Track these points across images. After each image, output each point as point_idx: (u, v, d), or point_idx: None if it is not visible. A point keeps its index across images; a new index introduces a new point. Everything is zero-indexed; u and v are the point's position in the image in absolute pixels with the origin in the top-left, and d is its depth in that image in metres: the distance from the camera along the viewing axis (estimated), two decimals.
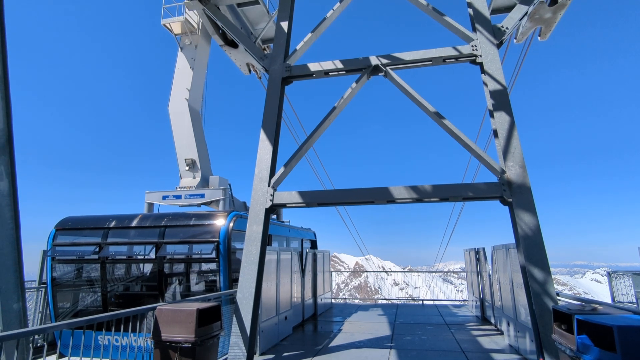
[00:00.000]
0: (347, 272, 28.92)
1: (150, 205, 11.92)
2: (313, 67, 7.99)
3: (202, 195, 11.55)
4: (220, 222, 8.99)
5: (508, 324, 8.01)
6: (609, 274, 12.71)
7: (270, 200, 7.41)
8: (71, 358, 5.24)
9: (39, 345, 8.69)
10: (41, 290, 10.30)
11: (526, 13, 7.67)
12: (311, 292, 11.74)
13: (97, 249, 9.50)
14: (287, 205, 7.44)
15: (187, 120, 12.28)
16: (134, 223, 9.67)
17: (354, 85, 7.76)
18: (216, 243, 8.66)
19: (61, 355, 8.79)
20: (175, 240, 9.11)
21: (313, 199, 7.31)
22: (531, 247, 6.10)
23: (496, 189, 6.54)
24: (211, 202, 11.58)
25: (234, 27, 8.83)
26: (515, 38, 10.71)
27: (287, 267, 9.41)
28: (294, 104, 14.25)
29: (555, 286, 6.10)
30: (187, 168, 12.14)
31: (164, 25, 13.00)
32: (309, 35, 8.37)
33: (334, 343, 8.24)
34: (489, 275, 9.99)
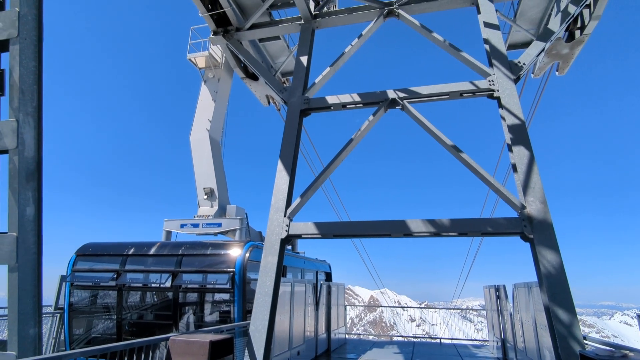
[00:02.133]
0: (362, 306, 28.19)
1: (169, 233, 12.05)
2: (331, 99, 8.16)
3: (219, 225, 11.62)
4: (236, 253, 8.99)
5: None
6: (639, 316, 12.02)
7: (286, 230, 7.41)
8: None
9: None
10: (56, 316, 10.34)
11: (543, 49, 7.74)
12: (325, 326, 11.46)
13: (115, 276, 9.57)
14: (303, 236, 7.41)
15: (207, 150, 12.56)
16: (152, 251, 9.76)
17: (371, 117, 7.86)
18: (232, 273, 8.63)
19: None
20: (191, 270, 9.11)
21: (329, 231, 7.27)
22: (555, 287, 5.86)
23: (516, 225, 6.39)
24: (228, 231, 11.63)
25: (255, 61, 9.16)
26: (533, 73, 10.78)
27: (300, 299, 9.27)
28: (311, 133, 14.45)
29: (582, 328, 5.82)
30: (205, 197, 12.30)
31: (189, 59, 13.59)
32: (328, 69, 8.60)
33: None
34: (511, 315, 9.60)
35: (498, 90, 7.32)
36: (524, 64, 7.51)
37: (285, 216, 7.49)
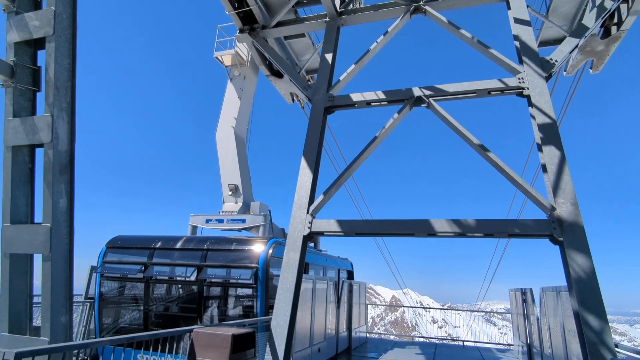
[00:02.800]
0: (383, 305, 28.08)
1: (194, 227, 12.34)
2: (355, 97, 8.11)
3: (244, 221, 11.80)
4: (259, 249, 9.10)
5: None
6: None
7: (309, 227, 7.43)
8: None
9: (81, 359, 9.00)
10: (86, 305, 10.75)
11: (576, 46, 7.45)
12: (346, 324, 11.45)
13: (143, 269, 9.86)
14: (325, 233, 7.41)
15: (232, 147, 12.74)
16: (178, 245, 10.01)
17: (395, 115, 7.77)
18: (255, 269, 8.75)
19: None
20: (215, 264, 9.30)
21: (351, 229, 7.25)
22: (585, 292, 5.65)
23: (545, 227, 6.18)
24: (252, 227, 11.79)
25: (280, 58, 9.21)
26: (565, 70, 10.39)
27: (322, 296, 9.28)
28: (334, 130, 14.41)
29: (613, 336, 5.58)
30: (230, 193, 12.50)
31: (216, 57, 13.80)
32: (353, 66, 8.55)
33: None
34: (537, 319, 9.32)
35: (528, 89, 7.09)
36: (556, 61, 7.25)
37: (307, 213, 7.52)
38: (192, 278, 9.38)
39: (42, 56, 4.95)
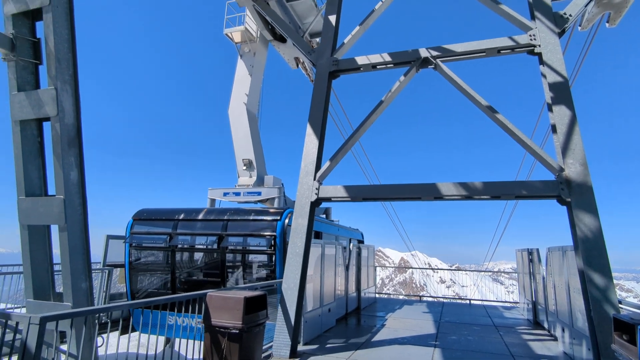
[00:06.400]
0: (392, 267, 28.61)
1: (213, 200, 12.77)
2: (360, 60, 7.93)
3: (259, 193, 12.16)
4: (276, 218, 9.47)
5: (563, 330, 7.58)
6: None
7: (316, 193, 7.50)
8: (132, 334, 5.69)
9: (103, 322, 9.47)
10: (105, 271, 11.21)
11: None
12: (355, 285, 11.78)
13: (168, 238, 10.33)
14: (332, 199, 7.49)
15: (245, 123, 12.86)
16: (201, 216, 10.48)
17: (402, 78, 7.62)
18: (273, 237, 9.19)
19: (134, 330, 9.83)
20: (236, 233, 9.78)
21: (358, 194, 7.31)
22: (591, 251, 5.71)
23: (553, 188, 6.17)
24: (267, 199, 12.10)
25: (282, 21, 8.96)
26: (580, 25, 9.95)
27: (331, 260, 9.53)
28: (340, 96, 14.24)
29: (619, 292, 5.70)
30: (244, 167, 12.75)
31: (226, 34, 13.63)
32: (357, 28, 8.30)
33: (376, 338, 8.24)
34: (543, 278, 9.48)
35: (540, 46, 6.86)
36: (571, 15, 6.96)
37: (314, 179, 7.57)
38: (215, 246, 9.82)
39: (41, 28, 4.88)
